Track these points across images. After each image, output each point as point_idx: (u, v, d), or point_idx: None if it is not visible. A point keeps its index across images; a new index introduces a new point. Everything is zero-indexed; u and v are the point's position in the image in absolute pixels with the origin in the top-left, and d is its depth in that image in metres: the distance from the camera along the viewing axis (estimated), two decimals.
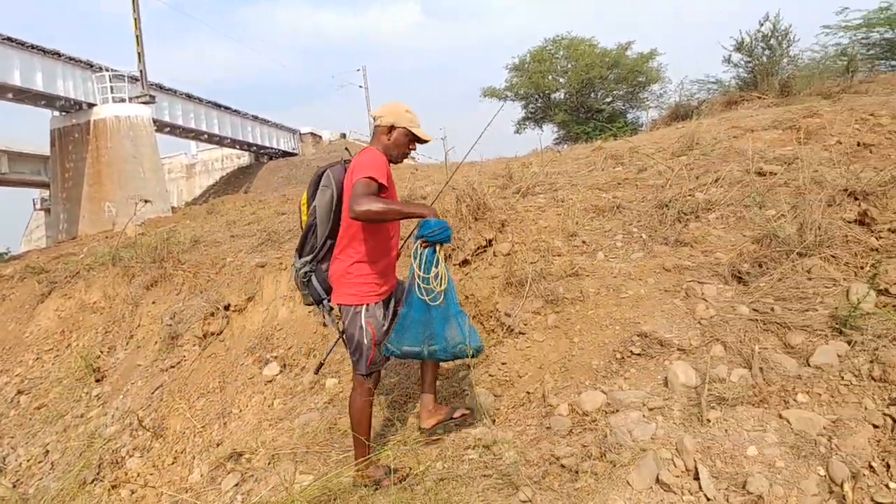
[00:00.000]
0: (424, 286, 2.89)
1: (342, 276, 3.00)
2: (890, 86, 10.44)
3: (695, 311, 3.46)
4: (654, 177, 6.03)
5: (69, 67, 26.13)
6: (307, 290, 3.14)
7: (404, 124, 3.07)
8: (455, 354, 3.00)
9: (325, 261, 3.10)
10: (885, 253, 3.56)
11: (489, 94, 23.92)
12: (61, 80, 25.63)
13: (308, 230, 3.10)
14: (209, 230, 9.88)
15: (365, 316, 2.99)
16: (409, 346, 2.95)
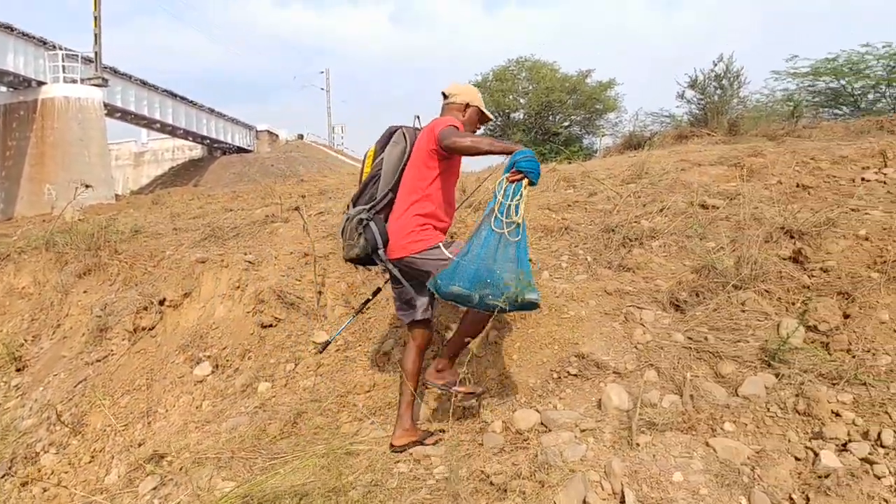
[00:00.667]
0: (505, 218, 2.73)
1: (411, 229, 2.99)
2: (831, 133, 10.93)
3: (632, 335, 3.51)
4: (603, 202, 6.13)
5: (21, 43, 25.14)
6: (362, 237, 3.03)
7: (478, 104, 3.23)
8: (511, 301, 2.66)
9: (383, 213, 3.10)
10: (815, 291, 3.69)
11: None
12: (12, 54, 24.62)
13: (370, 180, 3.13)
14: (152, 221, 9.56)
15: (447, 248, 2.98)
16: (461, 287, 2.68)
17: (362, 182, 3.17)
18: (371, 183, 3.12)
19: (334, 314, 4.79)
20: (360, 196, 3.16)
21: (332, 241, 5.78)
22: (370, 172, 3.14)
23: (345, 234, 3.12)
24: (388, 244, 3.03)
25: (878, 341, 3.22)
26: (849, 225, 4.47)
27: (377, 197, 3.08)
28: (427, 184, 3.00)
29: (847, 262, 3.88)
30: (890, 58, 15.14)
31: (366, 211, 3.07)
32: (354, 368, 4.14)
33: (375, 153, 3.17)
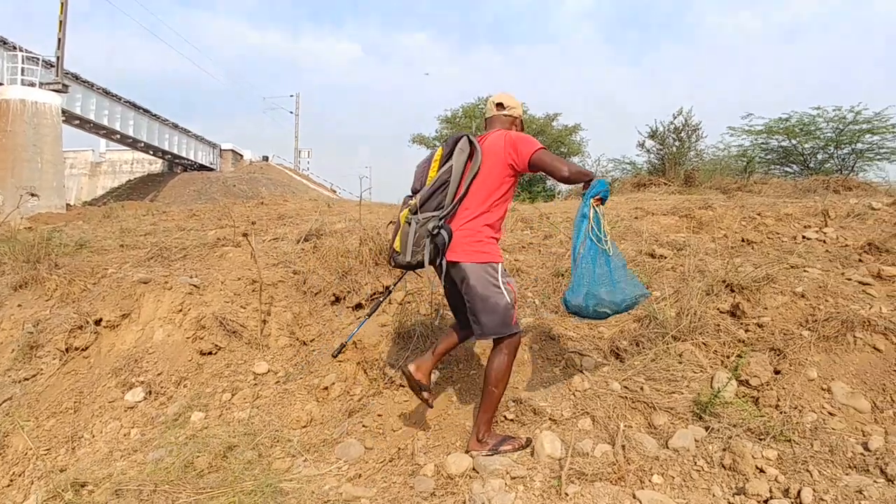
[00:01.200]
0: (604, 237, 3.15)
1: (478, 238, 3.02)
2: (781, 189, 11.37)
3: (571, 382, 3.53)
4: (557, 245, 6.22)
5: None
6: (432, 244, 2.99)
7: (522, 119, 3.37)
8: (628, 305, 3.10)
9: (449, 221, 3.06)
10: (750, 345, 3.79)
11: (418, 140, 24.25)
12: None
13: (439, 187, 3.05)
14: (100, 235, 9.29)
15: (503, 275, 3.05)
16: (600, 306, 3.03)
17: (430, 187, 3.07)
18: (439, 190, 3.04)
19: (277, 344, 4.70)
20: (427, 201, 3.06)
21: (282, 269, 5.70)
22: (438, 178, 3.07)
23: (407, 238, 3.04)
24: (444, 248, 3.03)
25: (805, 398, 3.31)
26: (787, 281, 4.62)
27: (445, 205, 3.03)
28: (499, 196, 3.08)
29: (781, 319, 4.00)
30: (839, 121, 15.93)
31: (437, 218, 3.01)
32: (293, 402, 4.06)
33: (443, 158, 3.13)
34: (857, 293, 4.40)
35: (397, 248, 3.08)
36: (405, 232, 3.06)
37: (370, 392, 3.88)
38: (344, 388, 4.05)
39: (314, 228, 6.98)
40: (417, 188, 3.16)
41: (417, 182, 3.19)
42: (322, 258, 5.43)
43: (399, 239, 3.08)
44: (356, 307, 4.75)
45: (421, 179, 3.17)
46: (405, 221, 3.08)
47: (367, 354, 4.19)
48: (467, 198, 3.06)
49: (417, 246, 3.00)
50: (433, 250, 2.99)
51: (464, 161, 3.07)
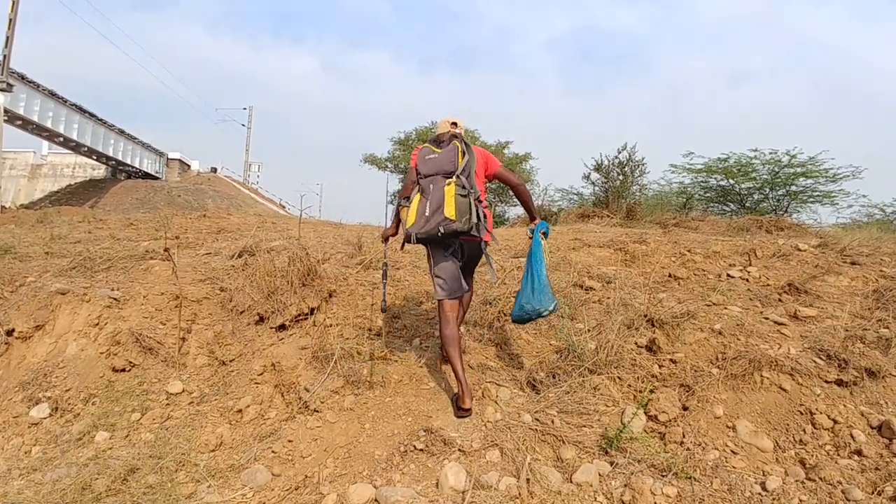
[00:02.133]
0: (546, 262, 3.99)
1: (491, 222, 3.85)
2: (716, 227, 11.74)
3: (484, 412, 3.53)
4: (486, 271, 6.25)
5: None
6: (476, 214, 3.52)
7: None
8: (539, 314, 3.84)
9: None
10: (662, 381, 3.87)
11: (370, 160, 24.24)
12: None
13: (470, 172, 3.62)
14: (28, 241, 8.92)
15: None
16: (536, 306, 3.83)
17: (464, 170, 3.58)
18: (468, 172, 3.60)
19: (195, 363, 4.57)
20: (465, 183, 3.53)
21: (209, 285, 5.57)
22: (467, 165, 3.60)
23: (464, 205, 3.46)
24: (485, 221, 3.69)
25: (709, 436, 3.39)
26: (707, 318, 4.75)
27: (475, 191, 3.58)
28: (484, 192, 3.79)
29: (694, 356, 4.10)
30: (774, 164, 16.61)
31: (476, 196, 3.55)
32: (204, 424, 3.93)
33: (461, 153, 3.63)
34: (772, 332, 4.55)
35: (451, 216, 3.43)
36: (462, 200, 3.47)
37: (284, 416, 3.79)
38: (258, 412, 3.95)
39: (249, 245, 6.86)
40: (451, 170, 3.58)
41: (448, 164, 3.62)
42: (251, 276, 5.33)
43: (454, 207, 3.43)
44: (279, 328, 4.67)
45: (451, 162, 3.61)
46: (459, 192, 3.47)
47: (284, 377, 4.11)
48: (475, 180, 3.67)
49: (473, 214, 3.48)
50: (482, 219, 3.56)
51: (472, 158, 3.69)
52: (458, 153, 3.62)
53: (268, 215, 16.70)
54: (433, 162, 3.66)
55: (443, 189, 3.49)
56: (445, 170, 3.60)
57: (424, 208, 3.53)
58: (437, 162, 3.65)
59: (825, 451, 3.27)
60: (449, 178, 3.53)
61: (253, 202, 40.69)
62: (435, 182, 3.58)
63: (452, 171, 3.56)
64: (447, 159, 3.62)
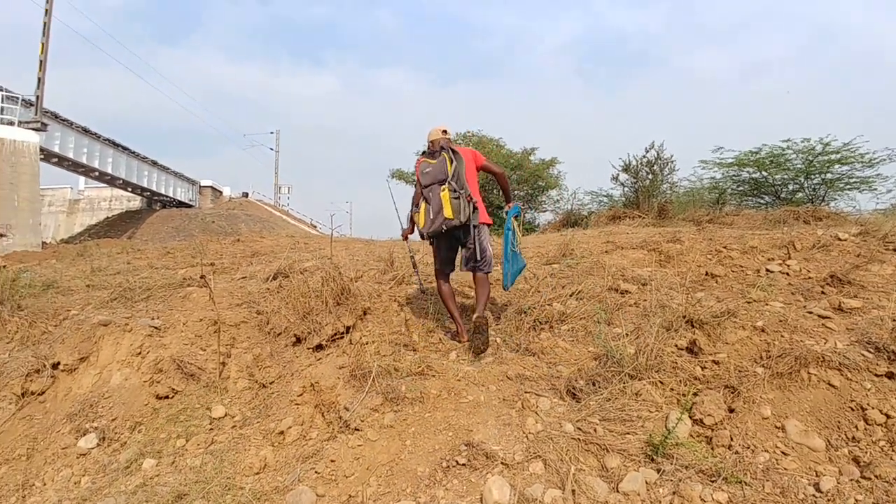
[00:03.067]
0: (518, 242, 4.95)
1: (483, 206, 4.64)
2: (752, 221, 11.50)
3: (525, 424, 3.50)
4: (523, 281, 6.22)
5: None
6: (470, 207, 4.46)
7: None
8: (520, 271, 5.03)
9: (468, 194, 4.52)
10: (706, 383, 3.78)
11: (397, 175, 24.34)
12: None
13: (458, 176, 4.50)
14: (69, 275, 9.18)
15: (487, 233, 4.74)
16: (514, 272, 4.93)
17: (453, 176, 4.48)
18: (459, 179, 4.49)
19: (236, 387, 4.63)
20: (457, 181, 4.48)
21: (245, 309, 5.65)
22: (455, 171, 4.51)
23: (459, 205, 4.41)
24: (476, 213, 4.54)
25: (758, 437, 3.30)
26: (748, 316, 4.64)
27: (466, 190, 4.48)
28: (477, 186, 4.69)
29: (737, 355, 4.01)
30: (808, 152, 16.23)
31: (469, 194, 4.46)
32: (247, 447, 3.97)
33: (448, 161, 4.54)
34: (817, 327, 4.43)
35: (449, 215, 4.41)
36: (456, 202, 4.43)
37: (326, 436, 3.81)
38: (300, 433, 3.98)
39: (283, 267, 6.95)
40: (444, 178, 4.50)
41: (441, 174, 4.52)
42: (286, 298, 5.39)
43: (451, 208, 4.41)
44: (317, 348, 4.70)
45: (443, 173, 4.51)
46: (452, 197, 4.43)
47: (325, 397, 4.13)
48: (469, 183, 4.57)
49: (467, 209, 4.41)
50: (472, 212, 4.45)
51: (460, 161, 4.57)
52: (447, 163, 4.53)
53: (300, 236, 16.91)
54: (429, 174, 4.57)
55: (440, 195, 4.45)
56: (439, 179, 4.51)
57: (430, 213, 4.49)
58: (432, 174, 4.56)
59: (879, 448, 3.16)
60: (443, 185, 4.47)
61: (284, 224, 41.27)
62: (433, 190, 4.51)
63: (445, 178, 4.49)
64: (440, 170, 4.54)
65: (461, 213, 4.40)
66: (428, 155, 4.70)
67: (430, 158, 4.65)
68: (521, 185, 22.23)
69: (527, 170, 22.00)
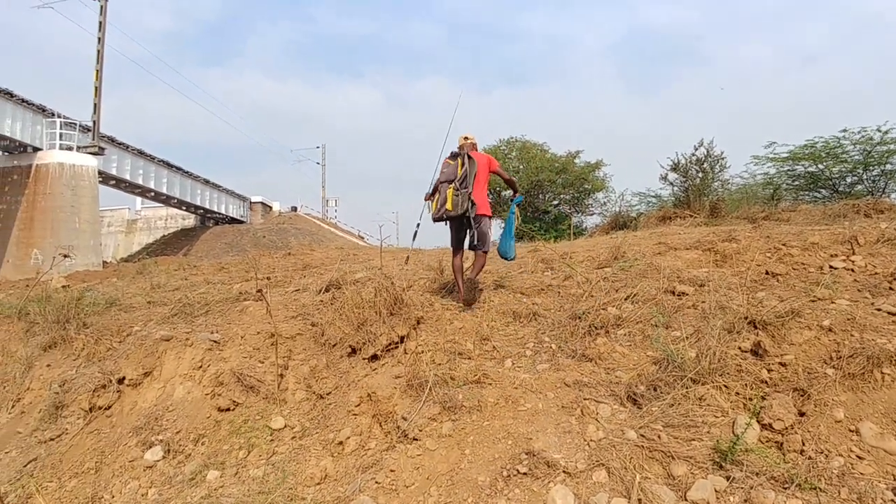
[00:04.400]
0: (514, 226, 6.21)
1: (488, 202, 5.76)
2: (810, 216, 11.10)
3: (586, 431, 3.44)
4: (576, 286, 6.15)
5: (20, 109, 25.66)
6: (469, 202, 5.44)
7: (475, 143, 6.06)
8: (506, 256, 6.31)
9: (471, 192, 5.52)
10: (773, 386, 3.65)
11: None
12: (10, 120, 25.08)
13: (465, 177, 5.50)
14: (130, 292, 9.51)
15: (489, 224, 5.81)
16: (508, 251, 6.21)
17: (461, 177, 5.50)
18: (466, 178, 5.48)
19: (294, 398, 4.70)
20: (462, 183, 5.49)
21: (301, 322, 5.74)
22: (463, 173, 5.52)
23: (458, 201, 5.44)
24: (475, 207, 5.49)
25: (831, 442, 3.17)
26: (813, 315, 4.47)
27: (469, 185, 5.47)
28: (486, 183, 5.71)
29: (805, 357, 3.86)
30: (866, 142, 15.57)
31: (467, 192, 5.44)
32: (308, 458, 4.03)
33: (461, 165, 5.57)
34: (888, 325, 4.23)
35: (449, 208, 5.47)
36: (456, 198, 5.46)
37: (384, 446, 3.83)
38: (359, 443, 4.01)
39: (334, 279, 7.04)
40: (452, 178, 5.56)
41: (452, 174, 5.59)
42: (339, 309, 5.45)
43: (452, 202, 5.46)
44: (372, 358, 4.74)
45: (453, 174, 5.57)
46: (454, 194, 5.48)
47: (381, 407, 4.15)
48: (478, 183, 5.54)
49: (464, 205, 5.42)
50: (469, 207, 5.42)
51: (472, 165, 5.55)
52: (458, 167, 5.61)
53: (348, 248, 17.13)
54: (445, 174, 5.70)
55: (446, 192, 5.55)
56: (449, 178, 5.61)
57: (438, 203, 5.62)
58: (446, 173, 5.68)
59: None
60: (450, 184, 5.56)
61: (333, 236, 41.93)
62: (443, 187, 5.62)
63: (453, 179, 5.56)
64: (451, 172, 5.64)
65: (459, 207, 5.44)
66: (451, 157, 5.77)
67: (451, 160, 5.74)
68: (567, 188, 22.03)
69: (572, 173, 21.79)
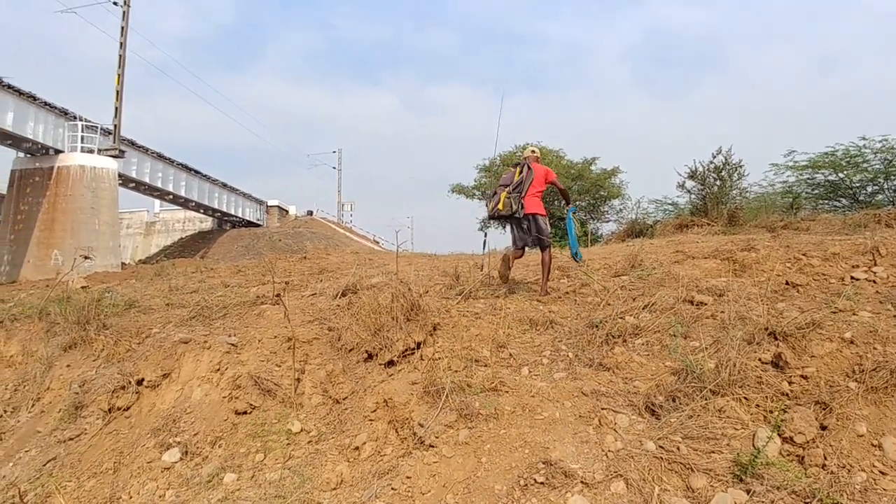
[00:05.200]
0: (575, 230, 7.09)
1: (540, 204, 6.48)
2: (830, 225, 10.96)
3: (604, 441, 3.41)
4: (593, 293, 6.12)
5: (43, 112, 26.03)
6: (519, 203, 6.28)
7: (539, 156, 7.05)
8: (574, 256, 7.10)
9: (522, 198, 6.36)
10: (794, 399, 3.61)
11: (457, 190, 24.50)
12: (32, 122, 25.45)
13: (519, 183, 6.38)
14: (149, 294, 9.61)
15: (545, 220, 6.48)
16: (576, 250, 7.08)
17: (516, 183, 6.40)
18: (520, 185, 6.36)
19: (311, 403, 4.72)
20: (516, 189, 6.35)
21: (317, 326, 5.77)
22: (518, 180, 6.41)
23: (510, 202, 6.28)
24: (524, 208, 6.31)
25: (853, 456, 3.12)
26: (835, 327, 4.42)
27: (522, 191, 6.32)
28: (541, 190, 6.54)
29: (827, 369, 3.81)
30: (887, 151, 15.36)
31: (519, 195, 6.29)
32: (324, 462, 4.04)
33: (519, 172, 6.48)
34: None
35: (500, 208, 6.33)
36: (508, 200, 6.30)
37: (400, 452, 3.83)
38: (375, 448, 4.01)
39: (350, 284, 7.06)
40: (508, 183, 6.45)
41: (508, 181, 6.50)
42: (356, 314, 5.47)
43: (503, 203, 6.30)
44: (388, 364, 4.75)
45: (510, 180, 6.48)
46: (507, 196, 6.31)
47: (397, 413, 4.15)
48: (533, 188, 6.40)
49: (515, 205, 6.25)
50: (517, 207, 6.24)
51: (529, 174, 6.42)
52: (515, 175, 6.51)
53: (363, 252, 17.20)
54: (503, 179, 6.68)
55: (500, 195, 6.41)
56: (506, 184, 6.53)
57: (494, 203, 6.44)
58: (504, 179, 6.66)
59: None
60: (506, 189, 6.42)
61: (348, 240, 42.11)
62: (500, 190, 6.50)
63: (509, 185, 6.45)
64: (508, 178, 6.58)
65: (509, 208, 6.28)
66: (513, 165, 6.77)
67: (513, 167, 6.70)
68: (583, 195, 21.97)
69: (588, 180, 21.74)
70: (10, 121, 24.32)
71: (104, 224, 26.13)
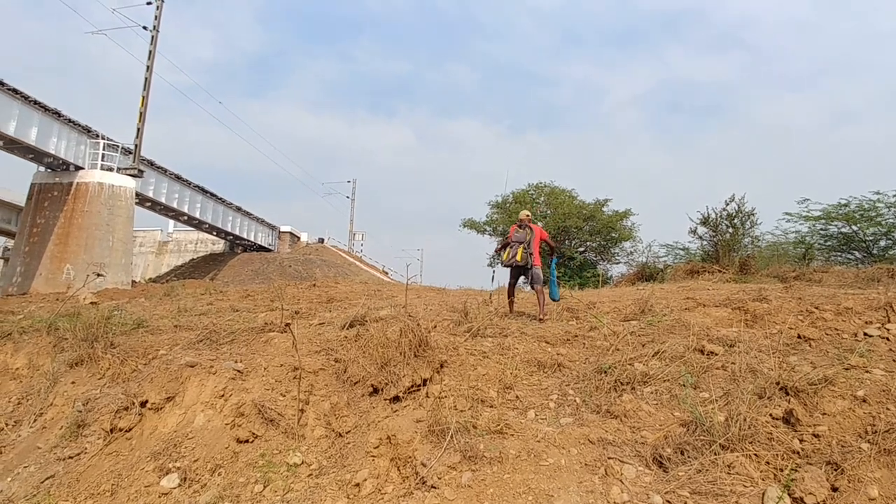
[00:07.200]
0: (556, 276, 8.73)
1: (538, 256, 7.99)
2: (842, 278, 10.89)
3: (610, 492, 3.35)
4: (602, 338, 6.08)
5: (66, 128, 26.56)
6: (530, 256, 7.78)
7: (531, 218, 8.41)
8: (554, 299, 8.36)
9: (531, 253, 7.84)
10: (805, 458, 3.54)
11: (469, 224, 24.64)
12: (55, 138, 25.95)
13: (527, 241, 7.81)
14: (158, 314, 9.64)
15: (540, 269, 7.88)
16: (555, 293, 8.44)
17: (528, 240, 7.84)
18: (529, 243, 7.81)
19: (313, 435, 4.67)
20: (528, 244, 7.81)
21: (324, 357, 5.75)
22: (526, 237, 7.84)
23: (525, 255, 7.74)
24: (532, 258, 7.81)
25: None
26: (847, 384, 4.35)
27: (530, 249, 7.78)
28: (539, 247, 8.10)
29: (839, 428, 3.75)
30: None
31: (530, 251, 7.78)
32: (323, 498, 3.98)
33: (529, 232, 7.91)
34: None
35: (518, 259, 7.74)
36: (525, 254, 7.75)
37: (401, 492, 3.77)
38: (376, 486, 3.96)
39: (359, 315, 7.06)
40: (522, 240, 7.83)
41: (522, 238, 7.85)
42: (363, 347, 5.46)
43: (521, 256, 7.71)
44: (393, 399, 4.71)
45: (524, 238, 7.85)
46: (524, 251, 7.76)
47: (401, 451, 4.10)
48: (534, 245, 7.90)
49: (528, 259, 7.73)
50: (530, 259, 7.75)
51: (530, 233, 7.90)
52: (527, 234, 7.88)
53: (372, 282, 17.21)
54: (517, 237, 7.93)
55: (517, 249, 7.80)
56: (520, 241, 7.86)
57: (510, 255, 7.82)
58: (518, 237, 7.92)
59: None
60: (521, 245, 7.81)
61: (357, 270, 42.25)
62: (515, 245, 7.85)
63: (523, 241, 7.83)
64: (521, 237, 7.90)
65: (524, 260, 7.77)
66: (518, 225, 8.08)
67: (519, 228, 8.03)
68: (594, 236, 21.99)
69: (599, 221, 21.78)
70: (34, 135, 24.84)
71: (118, 241, 26.39)
